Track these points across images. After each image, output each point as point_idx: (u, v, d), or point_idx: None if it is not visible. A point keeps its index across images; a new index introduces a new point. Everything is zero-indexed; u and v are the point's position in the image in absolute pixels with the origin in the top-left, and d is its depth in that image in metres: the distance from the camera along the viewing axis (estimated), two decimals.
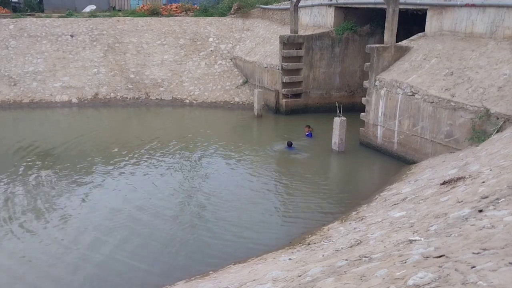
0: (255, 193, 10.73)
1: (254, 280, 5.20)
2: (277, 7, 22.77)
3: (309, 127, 15.16)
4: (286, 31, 19.40)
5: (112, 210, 9.64)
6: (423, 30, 13.56)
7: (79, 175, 11.77)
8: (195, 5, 28.51)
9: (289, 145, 14.00)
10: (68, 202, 10.11)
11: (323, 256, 5.58)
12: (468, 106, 10.26)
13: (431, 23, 13.28)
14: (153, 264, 7.57)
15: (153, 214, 9.49)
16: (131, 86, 20.88)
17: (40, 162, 12.75)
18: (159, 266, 7.53)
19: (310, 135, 15.05)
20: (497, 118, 9.61)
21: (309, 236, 7.88)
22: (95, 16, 24.72)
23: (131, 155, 13.37)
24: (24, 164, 12.62)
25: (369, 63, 13.45)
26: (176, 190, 10.88)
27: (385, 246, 4.80)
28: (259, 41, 21.92)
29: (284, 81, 18.12)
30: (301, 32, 18.88)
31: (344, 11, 18.14)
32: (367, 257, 4.34)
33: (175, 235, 8.62)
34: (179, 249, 8.10)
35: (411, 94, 11.84)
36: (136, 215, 9.41)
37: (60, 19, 23.34)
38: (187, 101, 20.60)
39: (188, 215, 9.50)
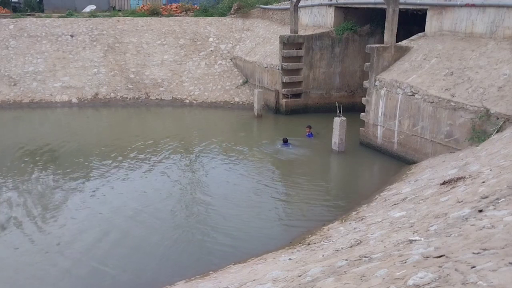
0: (255, 193, 10.72)
1: (254, 280, 5.20)
2: (277, 7, 22.77)
3: (310, 127, 15.17)
4: (286, 31, 19.40)
5: (112, 210, 9.64)
6: (423, 30, 13.55)
7: (79, 175, 11.77)
8: (195, 5, 28.50)
9: (285, 141, 14.11)
10: (66, 202, 10.11)
11: (323, 256, 5.58)
12: (468, 106, 10.26)
13: (431, 23, 13.28)
14: (153, 264, 7.57)
15: (153, 214, 9.48)
16: (131, 86, 20.89)
17: (39, 162, 12.75)
18: (159, 266, 7.53)
19: (310, 135, 15.06)
20: (497, 118, 9.61)
21: (309, 236, 7.88)
22: (95, 16, 24.72)
23: (131, 155, 13.37)
24: (23, 164, 12.62)
25: (369, 63, 13.45)
26: (175, 190, 10.88)
27: (385, 246, 4.80)
28: (259, 41, 21.93)
29: (284, 81, 18.12)
30: (301, 32, 18.88)
31: (344, 11, 18.14)
32: (367, 257, 4.34)
33: (175, 235, 8.61)
34: (179, 249, 8.10)
35: (411, 94, 11.84)
36: (136, 215, 9.40)
37: (60, 19, 23.34)
38: (187, 101, 20.61)
39: (188, 215, 9.50)
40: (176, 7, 27.44)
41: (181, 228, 8.94)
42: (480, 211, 4.70)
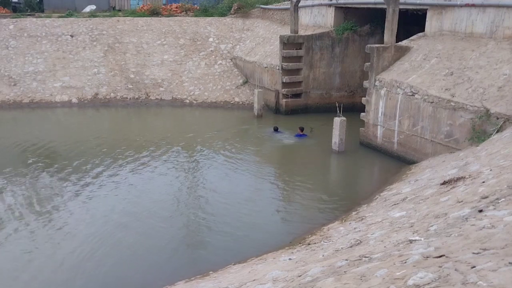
0: (255, 193, 10.73)
1: (254, 280, 5.20)
2: (277, 7, 22.76)
3: (302, 129, 15.17)
4: (286, 31, 19.40)
5: (111, 210, 9.64)
6: (423, 30, 13.55)
7: (78, 175, 11.76)
8: (195, 5, 28.49)
9: (275, 129, 15.62)
10: (66, 202, 10.11)
11: (323, 256, 5.58)
12: (468, 106, 10.26)
13: (431, 23, 13.28)
14: (153, 264, 7.58)
15: (153, 214, 9.49)
16: (131, 86, 20.88)
17: (39, 162, 12.75)
18: (159, 266, 7.53)
19: (300, 135, 15.02)
20: (497, 118, 9.61)
21: (309, 236, 7.88)
22: (95, 16, 24.71)
23: (131, 155, 13.37)
24: (23, 164, 12.61)
25: (369, 63, 13.45)
26: (175, 190, 10.88)
27: (385, 246, 4.80)
28: (259, 41, 21.92)
29: (284, 81, 18.12)
30: (301, 32, 18.87)
31: (344, 11, 18.13)
32: (367, 257, 4.34)
33: (175, 235, 8.62)
34: (179, 249, 8.11)
35: (411, 94, 11.84)
36: (136, 215, 9.41)
37: (60, 19, 23.34)
38: (187, 101, 20.60)
39: (188, 215, 9.50)
40: (176, 7, 27.42)
41: (181, 228, 8.94)
42: (480, 211, 4.70)
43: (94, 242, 8.28)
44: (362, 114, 13.83)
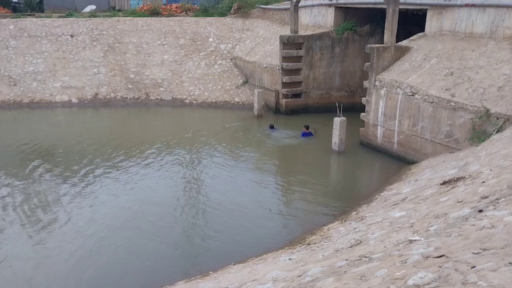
0: (255, 193, 10.73)
1: (254, 280, 5.20)
2: (277, 7, 22.76)
3: (307, 128, 15.17)
4: (286, 31, 19.39)
5: (111, 210, 9.64)
6: (423, 30, 13.55)
7: (78, 176, 11.76)
8: (195, 5, 28.50)
9: (271, 127, 16.04)
10: (65, 202, 10.11)
11: (323, 256, 5.58)
12: (468, 106, 10.26)
13: (431, 23, 13.27)
14: (153, 264, 7.57)
15: (153, 214, 9.49)
16: (131, 86, 20.88)
17: (39, 163, 12.74)
18: (159, 266, 7.53)
19: (306, 134, 15.01)
20: (497, 118, 9.62)
21: (309, 236, 7.88)
22: (95, 16, 24.71)
23: (131, 155, 13.37)
24: (23, 164, 12.61)
25: (369, 63, 13.45)
26: (175, 190, 10.88)
27: (385, 246, 4.80)
28: (259, 41, 21.92)
29: (284, 81, 18.12)
30: (301, 32, 18.87)
31: (344, 11, 18.13)
32: (367, 257, 4.34)
33: (175, 235, 8.62)
34: (179, 249, 8.11)
35: (411, 94, 11.84)
36: (136, 216, 9.41)
37: (60, 19, 23.33)
38: (187, 101, 20.60)
39: (188, 215, 9.50)
40: (176, 7, 27.43)
41: (181, 228, 8.94)
42: (480, 211, 4.70)
43: (94, 242, 8.28)
44: (362, 114, 13.83)
